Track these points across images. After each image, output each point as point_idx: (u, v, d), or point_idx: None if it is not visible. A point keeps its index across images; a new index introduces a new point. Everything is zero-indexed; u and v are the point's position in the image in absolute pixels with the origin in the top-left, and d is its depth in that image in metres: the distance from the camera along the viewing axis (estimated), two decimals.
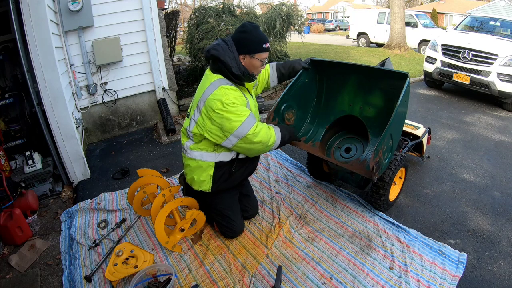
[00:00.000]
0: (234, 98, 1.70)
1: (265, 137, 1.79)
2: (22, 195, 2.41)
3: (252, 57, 1.77)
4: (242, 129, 1.71)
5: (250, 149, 1.83)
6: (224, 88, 1.71)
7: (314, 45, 13.29)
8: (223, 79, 1.77)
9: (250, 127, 1.72)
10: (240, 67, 1.76)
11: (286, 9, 5.53)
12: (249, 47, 1.75)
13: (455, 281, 1.73)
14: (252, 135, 1.74)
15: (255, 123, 1.75)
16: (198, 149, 1.88)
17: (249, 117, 1.72)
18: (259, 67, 1.84)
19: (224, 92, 1.70)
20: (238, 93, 1.76)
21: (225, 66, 1.73)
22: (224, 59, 1.72)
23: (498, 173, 2.88)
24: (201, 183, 1.93)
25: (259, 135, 1.75)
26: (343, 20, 28.16)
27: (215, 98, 1.69)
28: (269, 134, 1.83)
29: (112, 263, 1.78)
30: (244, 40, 1.75)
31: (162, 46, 4.04)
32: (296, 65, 2.22)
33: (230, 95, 1.70)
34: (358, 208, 2.34)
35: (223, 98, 1.68)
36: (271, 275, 1.81)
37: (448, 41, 5.11)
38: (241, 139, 1.74)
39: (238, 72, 1.75)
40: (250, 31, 1.75)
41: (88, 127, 3.88)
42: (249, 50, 1.76)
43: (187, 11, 19.53)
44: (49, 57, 2.54)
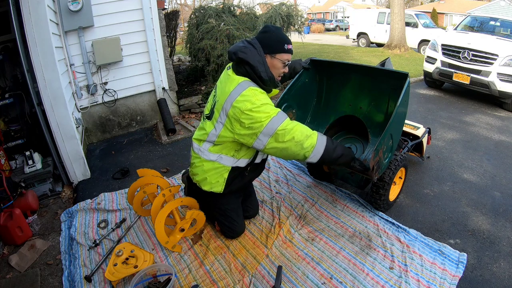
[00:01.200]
0: (264, 99, 1.66)
1: (299, 136, 1.64)
2: (22, 195, 2.41)
3: (273, 57, 1.73)
4: (271, 124, 1.61)
5: (284, 149, 1.68)
6: (254, 90, 1.66)
7: (314, 45, 13.29)
8: (249, 81, 1.71)
9: (281, 122, 1.63)
10: (268, 72, 1.71)
11: (286, 9, 5.54)
12: (270, 47, 1.71)
13: (455, 281, 1.73)
14: (283, 131, 1.62)
15: (287, 119, 1.66)
16: (218, 152, 1.83)
17: (279, 113, 1.64)
18: (281, 69, 1.78)
19: (254, 93, 1.64)
20: (265, 95, 1.71)
21: (254, 70, 1.68)
22: (254, 63, 1.67)
23: (498, 173, 2.88)
24: (214, 184, 1.90)
25: (291, 132, 1.63)
26: (343, 20, 28.17)
27: (244, 99, 1.62)
28: (306, 134, 1.67)
29: (112, 263, 1.78)
30: (266, 40, 1.72)
31: (162, 46, 4.04)
32: (296, 65, 2.22)
33: (259, 96, 1.65)
34: (358, 208, 2.34)
35: (253, 98, 1.62)
36: (271, 275, 1.81)
37: (448, 41, 5.11)
38: (272, 136, 1.63)
39: (266, 77, 1.71)
40: (272, 31, 1.73)
41: (88, 127, 3.88)
42: (270, 50, 1.72)
43: (187, 11, 19.53)
44: (49, 57, 2.54)
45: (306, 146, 1.67)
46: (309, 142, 1.67)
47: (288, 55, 1.76)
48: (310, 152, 1.69)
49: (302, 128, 1.68)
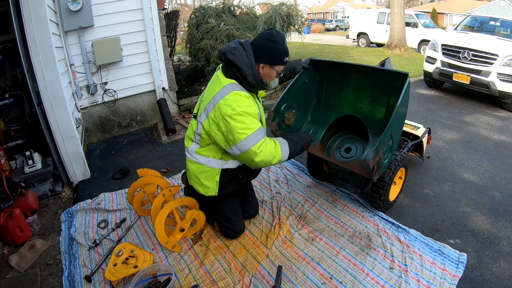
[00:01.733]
0: (246, 106, 1.64)
1: (268, 157, 1.71)
2: (22, 195, 2.41)
3: (272, 68, 1.74)
4: (246, 142, 1.64)
5: (251, 164, 1.77)
6: (237, 94, 1.65)
7: (314, 45, 13.29)
8: (236, 84, 1.71)
9: (255, 143, 1.65)
10: (255, 75, 1.70)
11: (286, 9, 5.53)
12: (273, 58, 1.72)
13: (455, 281, 1.73)
14: (254, 153, 1.66)
15: (261, 140, 1.68)
16: (205, 154, 1.84)
17: (256, 132, 1.65)
18: (274, 78, 1.83)
19: (236, 98, 1.64)
20: (250, 100, 1.71)
21: (240, 73, 1.68)
22: (241, 65, 1.66)
23: (498, 173, 2.88)
24: (208, 189, 1.91)
25: (261, 154, 1.68)
26: (343, 20, 28.16)
27: (226, 103, 1.63)
28: (274, 153, 1.74)
29: (112, 263, 1.78)
30: (270, 50, 1.70)
31: (162, 46, 4.04)
32: (296, 65, 2.22)
33: (241, 102, 1.64)
34: (358, 208, 2.34)
35: (234, 104, 1.62)
36: (271, 275, 1.81)
37: (448, 41, 5.11)
38: (243, 152, 1.68)
39: (253, 81, 1.70)
40: (279, 42, 1.70)
41: (88, 127, 3.88)
42: (271, 61, 1.72)
43: (187, 11, 19.53)
44: (49, 57, 2.54)
45: (274, 162, 1.78)
46: (276, 159, 1.78)
47: (284, 66, 1.81)
48: (275, 163, 1.81)
49: (271, 148, 1.74)
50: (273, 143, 1.76)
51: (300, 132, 1.99)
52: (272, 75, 1.78)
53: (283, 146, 1.81)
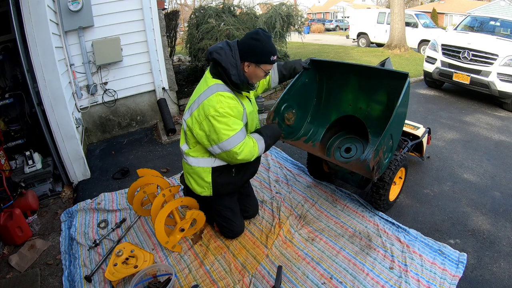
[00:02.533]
0: (229, 108, 1.66)
1: (248, 155, 1.77)
2: (22, 195, 2.41)
3: (258, 66, 1.74)
4: (228, 143, 1.69)
5: (231, 162, 1.82)
6: (220, 95, 1.67)
7: (314, 45, 13.29)
8: (221, 84, 1.73)
9: (237, 144, 1.70)
10: (240, 75, 1.71)
11: (286, 9, 5.54)
12: (258, 56, 1.71)
13: (455, 281, 1.73)
14: (235, 153, 1.72)
15: (242, 141, 1.72)
16: (194, 155, 1.87)
17: (238, 133, 1.69)
18: (261, 77, 1.81)
19: (219, 99, 1.66)
20: (234, 101, 1.71)
21: (225, 72, 1.69)
22: (226, 65, 1.68)
23: (498, 173, 2.88)
24: (202, 188, 1.92)
25: (242, 154, 1.73)
26: (343, 20, 28.16)
27: (210, 104, 1.66)
28: (253, 151, 1.80)
29: (112, 263, 1.78)
30: (255, 48, 1.70)
31: (162, 46, 4.04)
32: (297, 65, 2.22)
33: (224, 103, 1.66)
34: (358, 208, 2.34)
35: (217, 105, 1.65)
36: (271, 275, 1.81)
37: (448, 41, 5.11)
38: (224, 152, 1.73)
39: (238, 81, 1.71)
40: (263, 40, 1.70)
41: (88, 127, 3.88)
42: (256, 60, 1.72)
43: (187, 11, 19.53)
44: (49, 57, 2.54)
45: (251, 159, 1.82)
46: (254, 156, 1.83)
47: (272, 65, 1.79)
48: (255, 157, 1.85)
49: (250, 147, 1.78)
50: (252, 142, 1.80)
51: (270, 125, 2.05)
52: (258, 74, 1.77)
53: (260, 143, 1.86)
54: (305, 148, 2.35)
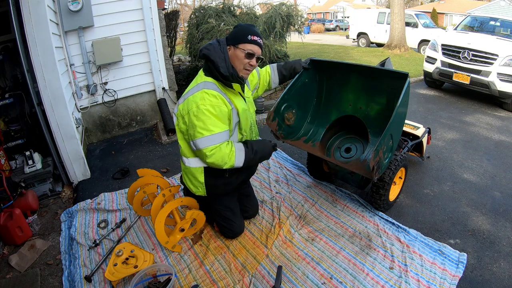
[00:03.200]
0: (211, 106, 1.66)
1: (219, 161, 1.74)
2: (22, 195, 2.41)
3: (236, 47, 1.74)
4: (200, 142, 1.69)
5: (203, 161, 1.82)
6: (205, 93, 1.69)
7: (314, 45, 13.29)
8: (210, 82, 1.75)
9: (208, 145, 1.69)
10: (228, 67, 1.73)
11: (286, 9, 5.53)
12: (234, 38, 1.76)
13: (455, 281, 1.73)
14: (204, 154, 1.71)
15: (215, 145, 1.70)
16: (187, 154, 1.89)
17: (214, 135, 1.68)
18: (244, 60, 1.75)
19: (203, 96, 1.68)
20: (217, 100, 1.70)
21: (214, 66, 1.72)
22: (214, 58, 1.72)
23: (498, 173, 2.88)
24: (196, 188, 1.95)
25: (212, 157, 1.72)
26: (343, 20, 28.16)
27: (194, 100, 1.69)
28: (226, 159, 1.75)
29: (112, 263, 1.78)
30: (233, 33, 1.78)
31: (162, 46, 4.04)
32: (296, 66, 2.22)
33: (207, 101, 1.67)
34: (358, 208, 2.34)
35: (200, 102, 1.67)
36: (271, 275, 1.81)
37: (448, 41, 5.11)
38: (197, 150, 1.75)
39: (226, 73, 1.72)
40: (241, 26, 1.79)
41: (88, 127, 3.88)
42: (233, 42, 1.75)
43: (187, 11, 19.53)
44: (49, 57, 2.54)
45: (224, 167, 1.79)
46: (227, 165, 1.78)
47: (252, 45, 1.75)
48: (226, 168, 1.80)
49: (223, 155, 1.73)
50: (229, 149, 1.75)
51: (264, 141, 1.96)
52: (239, 55, 1.74)
53: (239, 154, 1.80)
54: (305, 148, 2.35)
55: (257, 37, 1.76)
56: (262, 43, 1.80)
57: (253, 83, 2.14)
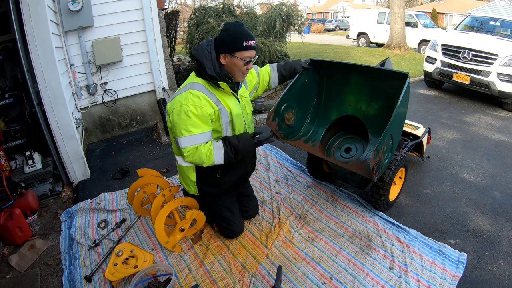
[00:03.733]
0: (193, 106, 1.66)
1: (197, 161, 1.74)
2: (22, 195, 2.41)
3: (233, 56, 1.70)
4: (180, 141, 1.71)
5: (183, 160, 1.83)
6: (189, 93, 1.69)
7: (314, 45, 13.29)
8: (197, 83, 1.75)
9: (187, 145, 1.69)
10: (215, 67, 1.71)
11: (286, 9, 5.54)
12: (228, 45, 1.69)
13: (455, 281, 1.73)
14: (183, 153, 1.73)
15: (194, 146, 1.69)
16: (177, 153, 1.90)
17: (193, 136, 1.68)
18: (243, 67, 1.74)
19: (187, 96, 1.68)
20: (200, 100, 1.68)
21: (201, 66, 1.72)
22: (200, 59, 1.71)
23: (498, 173, 2.88)
24: (188, 187, 1.98)
25: (190, 157, 1.72)
26: (343, 20, 28.15)
27: (179, 99, 1.69)
28: (204, 159, 1.73)
29: (112, 263, 1.78)
30: (225, 38, 1.70)
31: (162, 46, 4.04)
32: (296, 66, 2.22)
33: (190, 101, 1.66)
34: (358, 208, 2.34)
35: (183, 101, 1.67)
36: (271, 275, 1.81)
37: (448, 41, 5.11)
38: (179, 148, 1.75)
39: (213, 73, 1.71)
40: (231, 29, 1.70)
41: (88, 127, 3.88)
42: (228, 49, 1.69)
43: (187, 11, 19.53)
44: (49, 57, 2.54)
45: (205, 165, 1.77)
46: (206, 164, 1.76)
47: (249, 52, 1.71)
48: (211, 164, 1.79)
49: (201, 155, 1.72)
50: (207, 149, 1.73)
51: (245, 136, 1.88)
52: (237, 63, 1.71)
53: (217, 152, 1.77)
54: (305, 148, 2.35)
55: (252, 41, 1.71)
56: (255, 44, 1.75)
57: (253, 83, 2.13)
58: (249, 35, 1.71)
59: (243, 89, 2.00)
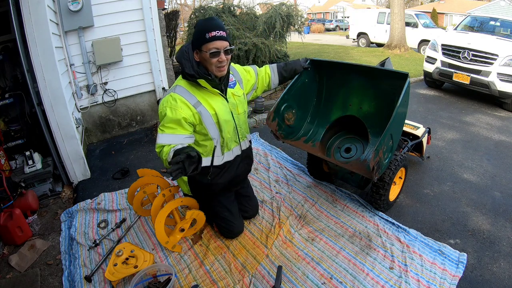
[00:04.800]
0: (169, 109, 1.68)
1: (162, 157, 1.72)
2: (22, 195, 2.41)
3: (201, 50, 1.68)
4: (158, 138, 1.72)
5: None
6: (170, 96, 1.72)
7: (314, 45, 13.29)
8: (179, 85, 1.77)
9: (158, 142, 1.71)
10: (193, 66, 1.72)
11: (286, 9, 5.54)
12: (195, 41, 1.70)
13: (455, 281, 1.73)
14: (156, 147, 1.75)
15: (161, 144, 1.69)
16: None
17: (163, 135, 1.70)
18: (212, 60, 1.68)
19: (167, 99, 1.72)
20: (176, 103, 1.69)
21: (181, 67, 1.75)
22: (180, 60, 1.75)
23: (498, 173, 2.88)
24: (181, 186, 2.00)
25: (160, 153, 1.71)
26: (343, 20, 28.15)
27: (162, 101, 1.74)
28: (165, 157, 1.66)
29: (112, 263, 1.78)
30: (193, 36, 1.73)
31: (162, 46, 4.04)
32: (297, 67, 2.22)
33: (167, 104, 1.69)
34: (358, 208, 2.34)
35: (164, 104, 1.71)
36: (271, 275, 1.81)
37: (448, 41, 5.11)
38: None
39: (191, 72, 1.72)
40: (199, 24, 1.71)
41: (88, 127, 3.88)
42: (196, 45, 1.70)
43: (187, 11, 19.53)
44: (49, 57, 2.54)
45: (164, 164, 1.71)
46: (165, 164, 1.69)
47: (214, 43, 1.65)
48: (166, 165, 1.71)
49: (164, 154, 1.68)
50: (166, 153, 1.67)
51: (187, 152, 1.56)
52: (205, 57, 1.69)
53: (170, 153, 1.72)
54: (305, 148, 2.35)
55: (216, 31, 1.64)
56: (224, 33, 1.68)
57: (251, 83, 2.10)
58: (213, 26, 1.65)
59: (237, 88, 1.94)
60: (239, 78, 2.00)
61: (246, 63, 4.92)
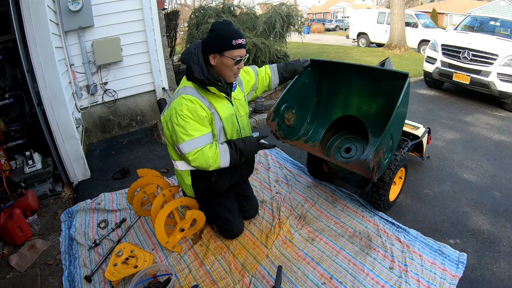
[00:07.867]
0: (188, 111, 1.64)
1: (203, 165, 1.72)
2: (22, 195, 2.41)
3: (222, 55, 1.67)
4: (182, 147, 1.68)
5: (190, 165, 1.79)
6: (182, 98, 1.67)
7: (314, 45, 13.29)
8: (189, 87, 1.73)
9: (191, 149, 1.67)
10: (203, 71, 1.68)
11: (286, 9, 5.54)
12: (217, 45, 1.66)
13: (455, 281, 1.73)
14: (187, 159, 1.70)
15: (197, 148, 1.67)
16: (174, 158, 1.90)
17: (195, 139, 1.66)
18: (233, 67, 1.70)
19: (180, 102, 1.66)
20: (194, 104, 1.66)
21: (189, 71, 1.70)
22: (188, 63, 1.69)
23: (498, 173, 2.88)
24: (185, 190, 1.98)
25: (196, 161, 1.70)
26: (343, 20, 28.16)
27: (173, 106, 1.68)
28: (211, 162, 1.72)
29: (112, 263, 1.77)
30: (213, 38, 1.68)
31: (162, 46, 4.04)
32: (297, 67, 2.22)
33: (184, 106, 1.64)
34: (358, 208, 2.34)
35: (178, 107, 1.65)
36: (271, 275, 1.81)
37: (448, 41, 5.11)
38: (181, 154, 1.73)
39: (201, 77, 1.68)
40: (219, 28, 1.67)
41: (88, 127, 3.88)
42: (218, 49, 1.66)
43: (187, 11, 19.53)
44: (49, 57, 2.54)
45: (210, 169, 1.76)
46: (213, 167, 1.75)
47: (239, 50, 1.67)
48: (216, 168, 1.77)
49: (207, 157, 1.70)
50: (213, 152, 1.72)
51: (250, 138, 1.88)
52: (227, 63, 1.68)
53: (224, 155, 1.76)
54: (305, 148, 2.35)
55: (241, 39, 1.67)
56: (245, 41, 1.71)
57: (251, 84, 2.11)
58: (238, 33, 1.68)
59: (237, 91, 1.96)
60: (239, 81, 2.01)
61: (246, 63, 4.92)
